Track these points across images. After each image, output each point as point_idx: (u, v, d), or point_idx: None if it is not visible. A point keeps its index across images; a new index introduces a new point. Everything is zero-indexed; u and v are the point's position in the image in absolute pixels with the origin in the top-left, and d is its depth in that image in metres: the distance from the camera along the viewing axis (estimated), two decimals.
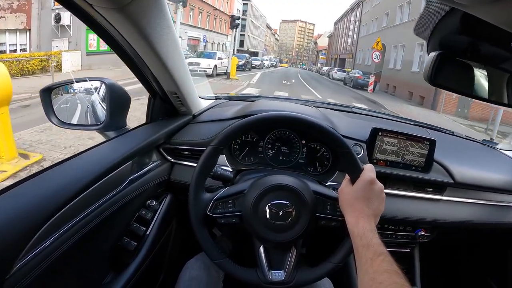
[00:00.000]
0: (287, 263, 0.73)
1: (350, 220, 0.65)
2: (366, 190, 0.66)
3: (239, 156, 1.00)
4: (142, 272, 0.88)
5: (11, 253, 0.50)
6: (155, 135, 0.93)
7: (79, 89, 1.02)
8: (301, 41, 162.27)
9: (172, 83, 0.88)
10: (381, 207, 0.67)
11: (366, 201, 0.65)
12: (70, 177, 0.65)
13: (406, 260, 1.10)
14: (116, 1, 0.56)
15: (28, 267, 0.54)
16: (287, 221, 0.71)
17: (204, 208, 0.74)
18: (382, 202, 0.67)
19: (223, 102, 1.30)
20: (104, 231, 0.77)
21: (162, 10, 0.68)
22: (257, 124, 0.77)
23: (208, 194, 0.76)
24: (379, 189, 0.67)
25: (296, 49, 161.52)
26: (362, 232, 0.61)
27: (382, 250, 0.58)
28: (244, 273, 0.73)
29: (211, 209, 0.74)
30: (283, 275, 0.72)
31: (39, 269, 0.56)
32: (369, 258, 0.56)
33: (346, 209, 0.68)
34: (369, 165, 0.71)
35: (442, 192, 1.01)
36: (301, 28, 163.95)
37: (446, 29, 0.57)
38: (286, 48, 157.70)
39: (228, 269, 0.73)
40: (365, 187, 0.66)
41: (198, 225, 0.73)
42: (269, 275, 0.72)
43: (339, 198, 0.71)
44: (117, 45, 0.73)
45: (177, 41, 0.80)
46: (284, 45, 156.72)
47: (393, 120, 1.34)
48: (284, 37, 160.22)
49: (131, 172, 0.86)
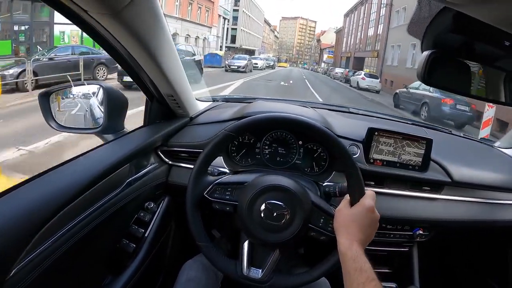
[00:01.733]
0: (268, 263, 0.74)
1: (343, 241, 0.65)
2: (364, 217, 0.67)
3: (236, 157, 1.01)
4: (141, 274, 0.88)
5: (10, 255, 0.51)
6: (153, 138, 0.93)
7: (77, 93, 1.03)
8: (302, 39, 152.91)
9: (168, 86, 0.89)
10: (371, 236, 0.68)
11: (362, 227, 0.66)
12: (68, 179, 0.65)
13: (405, 260, 1.09)
14: (110, 7, 0.57)
15: (27, 269, 0.55)
16: (279, 222, 0.71)
17: (203, 189, 0.76)
18: (373, 232, 0.68)
19: (220, 104, 1.31)
20: (103, 233, 0.77)
21: (157, 14, 0.69)
22: (272, 123, 0.80)
23: (211, 177, 0.78)
24: (375, 219, 0.68)
25: (296, 47, 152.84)
26: (355, 256, 0.61)
27: (374, 276, 0.58)
28: (222, 263, 0.74)
29: (209, 191, 0.76)
30: (260, 274, 0.73)
31: (38, 271, 0.57)
32: (361, 283, 0.57)
33: (340, 230, 0.68)
34: (371, 192, 0.71)
35: (440, 191, 1.01)
36: (302, 25, 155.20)
37: (440, 28, 0.57)
38: (286, 46, 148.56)
39: (209, 255, 0.74)
40: (363, 213, 0.67)
41: (192, 205, 0.75)
42: (246, 270, 0.73)
43: (335, 216, 0.71)
44: (113, 49, 0.73)
45: (172, 44, 0.81)
46: (284, 44, 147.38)
47: (390, 120, 1.35)
48: (284, 35, 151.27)
49: (129, 175, 0.86)
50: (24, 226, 0.53)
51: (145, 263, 0.90)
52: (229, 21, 40.14)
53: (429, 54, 0.57)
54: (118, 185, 0.81)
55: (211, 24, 28.79)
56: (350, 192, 0.72)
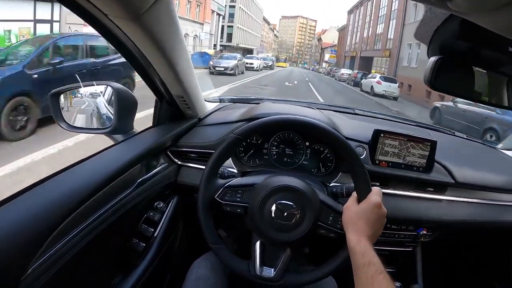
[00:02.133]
0: (280, 262, 0.75)
1: (352, 237, 0.67)
2: (371, 213, 0.69)
3: (244, 158, 1.02)
4: (150, 273, 0.89)
5: (26, 254, 0.52)
6: (162, 138, 0.94)
7: (85, 93, 1.04)
8: (302, 38, 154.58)
9: (180, 87, 0.90)
10: (379, 231, 0.70)
11: (369, 223, 0.68)
12: (81, 180, 0.66)
13: (409, 259, 1.11)
14: (131, 11, 0.58)
15: (42, 269, 0.56)
16: (290, 222, 0.73)
17: (214, 192, 0.77)
18: (381, 227, 0.70)
19: (228, 105, 1.32)
20: (114, 232, 0.78)
21: (173, 17, 0.70)
22: (281, 125, 0.82)
23: (221, 180, 0.79)
24: (382, 214, 0.70)
25: (296, 47, 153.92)
26: (364, 250, 0.63)
27: (383, 269, 0.60)
28: (236, 263, 0.76)
29: (220, 194, 0.77)
30: (273, 273, 0.75)
31: (53, 270, 0.58)
32: (370, 276, 0.59)
33: (348, 226, 0.70)
34: (377, 188, 0.73)
35: (443, 192, 1.02)
36: (302, 24, 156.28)
37: (446, 34, 0.58)
38: (286, 46, 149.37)
39: (222, 256, 0.76)
40: (370, 209, 0.69)
41: (203, 208, 0.76)
42: (259, 270, 0.75)
43: (343, 214, 0.73)
44: (128, 51, 0.75)
45: (185, 46, 0.82)
46: (284, 43, 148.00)
47: (395, 121, 1.36)
48: (284, 34, 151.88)
49: (139, 175, 0.87)
50: (39, 226, 0.54)
51: (155, 262, 0.91)
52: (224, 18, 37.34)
53: (436, 59, 0.59)
54: (129, 185, 0.82)
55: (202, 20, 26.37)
56: (357, 189, 0.74)
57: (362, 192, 0.73)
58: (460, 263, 1.33)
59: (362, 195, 0.72)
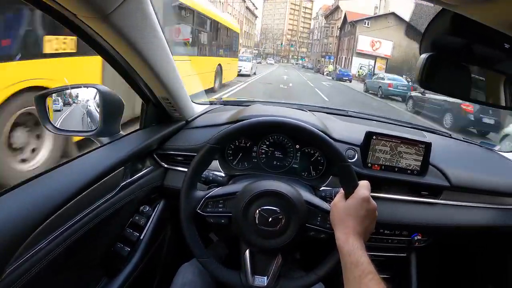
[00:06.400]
0: (271, 270, 0.73)
1: (340, 236, 0.63)
2: (359, 208, 0.65)
3: (233, 162, 1.00)
4: (135, 278, 0.88)
5: (1, 257, 0.50)
6: (148, 141, 0.92)
7: (74, 96, 1.02)
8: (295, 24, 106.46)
9: (163, 89, 0.88)
10: (371, 226, 0.66)
11: (358, 219, 0.64)
12: (62, 182, 0.65)
13: (403, 265, 1.08)
14: (98, 10, 0.57)
15: (20, 272, 0.54)
16: (275, 227, 0.70)
17: (195, 205, 0.75)
18: (373, 222, 0.67)
19: (218, 107, 1.30)
20: (97, 236, 0.77)
21: (147, 17, 0.68)
22: (257, 127, 0.77)
23: (201, 192, 0.77)
24: (372, 208, 0.66)
25: (287, 35, 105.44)
26: (351, 250, 0.60)
27: (371, 269, 0.57)
28: (226, 275, 0.74)
29: (201, 207, 0.75)
30: (266, 282, 0.72)
31: (31, 273, 0.57)
32: (358, 276, 0.56)
33: (337, 224, 0.66)
34: (365, 182, 0.70)
35: (439, 195, 0.99)
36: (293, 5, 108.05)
37: (438, 30, 0.56)
38: (273, 35, 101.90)
39: (211, 269, 0.73)
40: (358, 204, 0.65)
41: (187, 222, 0.74)
42: (251, 279, 0.72)
43: (331, 212, 0.70)
44: (105, 52, 0.73)
45: (166, 46, 0.80)
46: (270, 31, 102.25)
47: (389, 123, 1.33)
48: (271, 20, 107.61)
49: (123, 178, 0.86)
50: (17, 229, 0.53)
51: (140, 267, 0.90)
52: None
53: (427, 56, 0.56)
54: (112, 189, 0.81)
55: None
56: (343, 185, 0.71)
57: (349, 187, 0.69)
58: (457, 268, 1.30)
59: (348, 190, 0.69)
